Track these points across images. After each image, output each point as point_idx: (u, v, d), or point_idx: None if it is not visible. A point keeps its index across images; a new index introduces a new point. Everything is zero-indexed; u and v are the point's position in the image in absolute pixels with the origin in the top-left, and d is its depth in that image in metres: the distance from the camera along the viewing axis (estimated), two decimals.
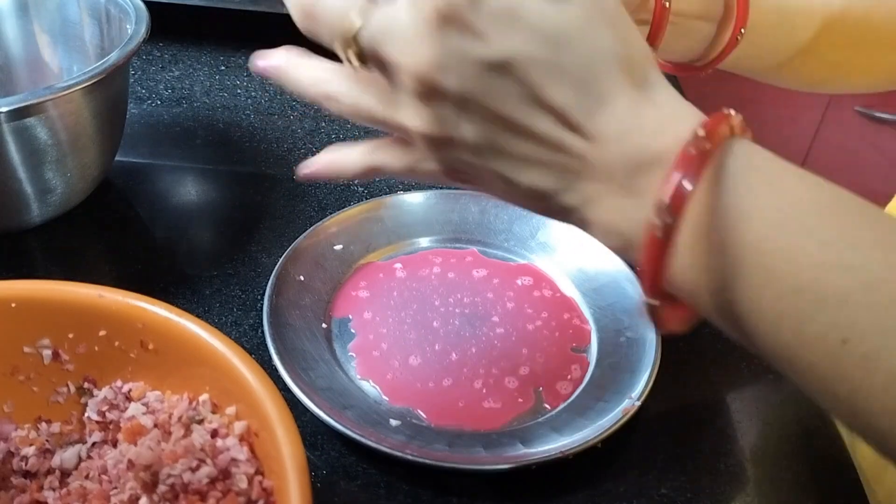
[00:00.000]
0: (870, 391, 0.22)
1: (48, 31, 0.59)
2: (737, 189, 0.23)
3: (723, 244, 0.24)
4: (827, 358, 0.22)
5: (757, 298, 0.23)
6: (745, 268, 0.23)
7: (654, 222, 0.24)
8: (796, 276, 0.22)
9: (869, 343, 0.21)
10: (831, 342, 0.22)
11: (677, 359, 0.47)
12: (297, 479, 0.28)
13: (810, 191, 0.24)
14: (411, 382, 0.44)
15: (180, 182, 0.60)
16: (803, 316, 0.22)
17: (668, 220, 0.23)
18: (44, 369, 0.36)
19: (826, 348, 0.22)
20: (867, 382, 0.22)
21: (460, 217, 0.55)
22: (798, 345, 0.23)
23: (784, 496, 0.40)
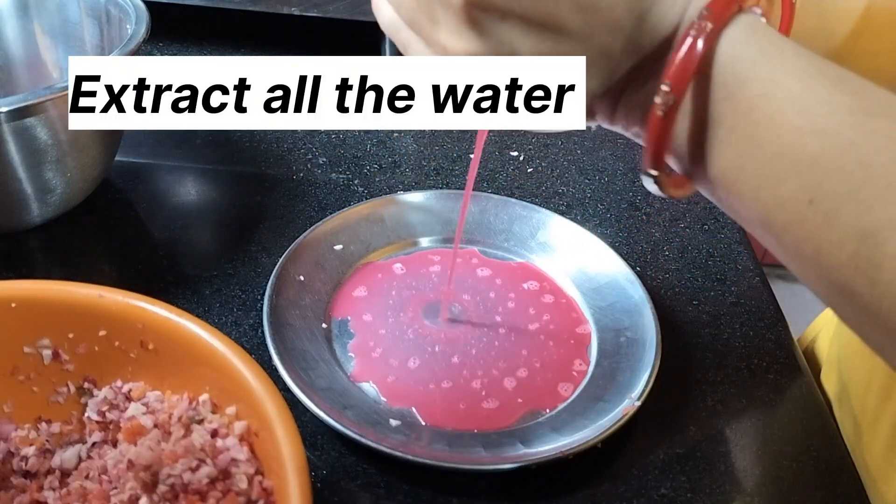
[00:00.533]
0: (829, 247, 0.23)
1: (48, 31, 0.59)
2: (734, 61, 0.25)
3: (720, 114, 0.26)
4: (797, 218, 0.24)
5: (743, 165, 0.25)
6: (736, 136, 0.25)
7: (657, 101, 0.26)
8: (777, 142, 0.24)
9: (830, 202, 0.23)
10: (801, 202, 0.24)
11: (677, 359, 0.47)
12: (297, 479, 0.28)
13: (800, 61, 0.25)
14: (410, 384, 0.44)
15: (180, 182, 0.60)
16: (779, 178, 0.24)
17: (670, 100, 0.25)
18: (44, 369, 0.36)
19: (796, 208, 0.24)
20: (827, 239, 0.23)
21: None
22: (774, 206, 0.25)
23: (784, 496, 0.40)
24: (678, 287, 0.53)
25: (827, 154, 0.23)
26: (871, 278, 0.23)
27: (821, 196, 0.23)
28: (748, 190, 0.26)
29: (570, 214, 0.58)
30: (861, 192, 0.23)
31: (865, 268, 0.23)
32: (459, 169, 0.63)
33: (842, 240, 0.23)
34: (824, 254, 0.24)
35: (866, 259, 0.22)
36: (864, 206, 0.22)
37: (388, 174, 0.61)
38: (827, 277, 0.24)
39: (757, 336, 0.50)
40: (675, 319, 0.50)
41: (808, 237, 0.24)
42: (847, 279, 0.23)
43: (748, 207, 0.26)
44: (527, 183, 0.62)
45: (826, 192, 0.23)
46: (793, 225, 0.24)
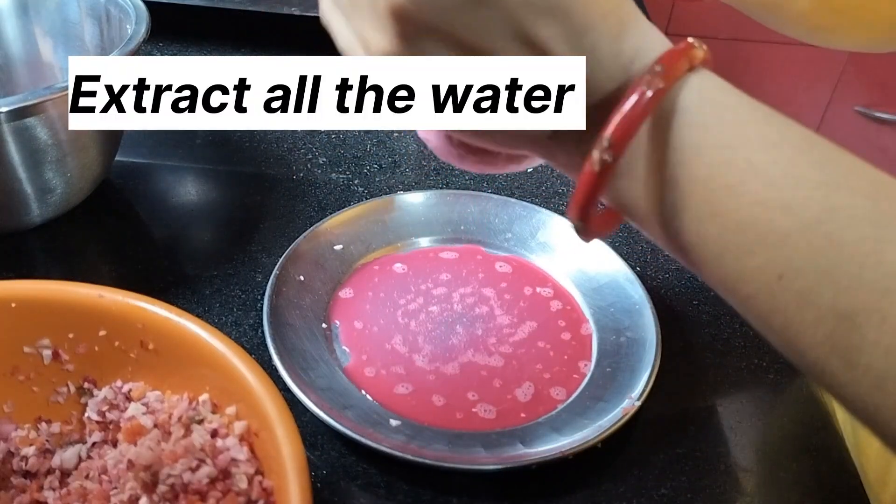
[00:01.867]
0: (801, 326, 0.22)
1: (48, 32, 0.59)
2: (688, 125, 0.24)
3: (673, 179, 0.24)
4: (764, 291, 0.23)
5: (703, 231, 0.24)
6: (693, 202, 0.24)
7: (593, 156, 0.24)
8: (739, 213, 0.23)
9: (802, 281, 0.22)
10: (768, 276, 0.23)
11: (677, 359, 0.47)
12: (297, 478, 0.28)
13: (760, 127, 0.24)
14: (410, 387, 0.44)
15: (180, 182, 0.60)
16: (744, 250, 0.23)
17: (607, 157, 0.24)
18: (44, 369, 0.36)
19: (763, 281, 0.23)
20: (799, 317, 0.22)
21: (460, 217, 0.55)
22: (738, 277, 0.24)
23: (784, 496, 0.40)
24: (678, 287, 0.53)
25: (794, 231, 0.22)
26: (848, 361, 0.22)
27: (791, 273, 0.22)
28: (709, 256, 0.25)
29: None
30: (834, 272, 0.22)
31: (843, 350, 0.22)
32: (459, 169, 0.63)
33: (817, 320, 0.22)
34: (795, 331, 0.23)
35: (844, 341, 0.21)
36: (840, 287, 0.21)
37: (388, 174, 0.61)
38: (798, 353, 0.23)
39: (757, 336, 0.49)
40: (675, 319, 0.50)
41: (777, 311, 0.23)
42: (821, 359, 0.22)
43: (709, 272, 0.25)
44: (527, 183, 0.62)
45: (797, 270, 0.22)
46: (760, 297, 0.23)
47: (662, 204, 0.25)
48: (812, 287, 0.22)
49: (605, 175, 0.24)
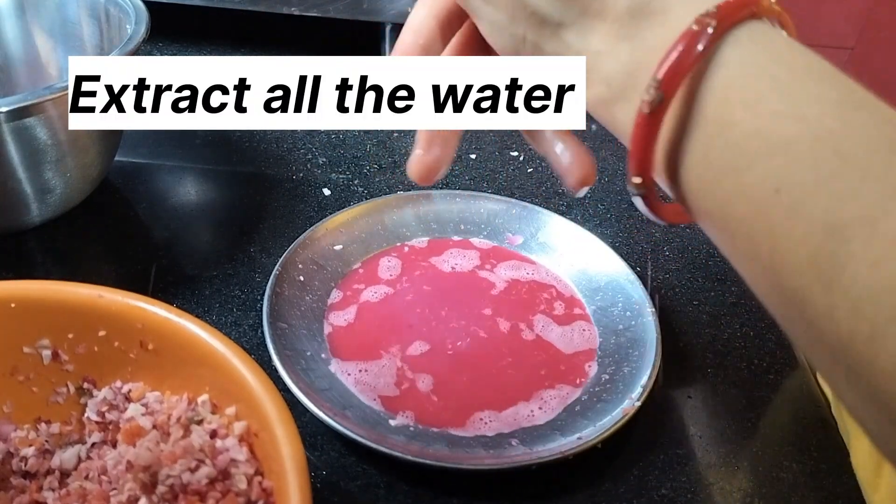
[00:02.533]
0: (788, 245, 0.22)
1: (47, 31, 0.59)
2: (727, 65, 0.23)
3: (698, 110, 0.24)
4: (759, 209, 0.22)
5: (708, 149, 0.24)
6: (705, 117, 0.24)
7: (644, 98, 0.24)
8: (750, 122, 0.23)
9: (797, 192, 0.21)
10: (766, 191, 0.22)
11: (677, 359, 0.47)
12: (297, 479, 0.28)
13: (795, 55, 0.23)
14: (410, 387, 0.44)
15: (180, 182, 0.60)
16: (746, 162, 0.23)
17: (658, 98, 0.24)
18: (43, 370, 0.36)
19: (760, 197, 0.22)
20: (787, 234, 0.22)
21: (460, 217, 0.55)
22: (735, 195, 0.23)
23: (784, 496, 0.40)
24: (678, 287, 0.53)
25: (802, 139, 0.21)
26: (828, 282, 0.20)
27: (789, 185, 0.21)
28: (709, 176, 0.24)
29: (570, 214, 0.58)
30: (833, 182, 0.21)
31: (825, 269, 0.21)
32: (459, 169, 0.63)
33: (804, 235, 0.21)
34: (781, 253, 0.22)
35: (828, 258, 0.20)
36: (835, 198, 0.20)
37: (388, 174, 0.61)
38: (780, 283, 0.22)
39: (757, 336, 0.50)
40: (675, 319, 0.50)
41: (767, 232, 0.22)
42: (801, 285, 0.21)
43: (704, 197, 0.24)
44: (527, 183, 0.62)
45: (795, 181, 0.21)
46: (753, 217, 0.23)
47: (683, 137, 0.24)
48: (806, 198, 0.21)
49: (657, 117, 0.24)
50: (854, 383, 0.21)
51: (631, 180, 0.26)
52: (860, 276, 0.20)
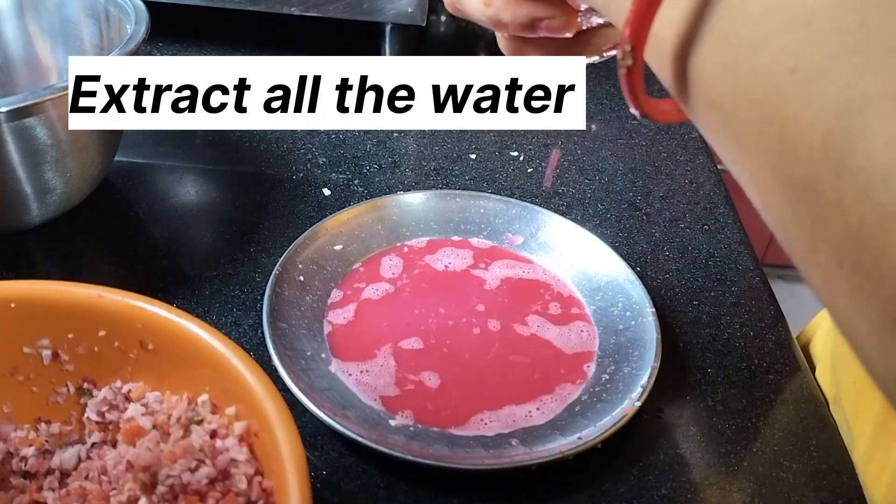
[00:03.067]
0: (799, 126, 0.19)
1: (47, 31, 0.59)
2: None
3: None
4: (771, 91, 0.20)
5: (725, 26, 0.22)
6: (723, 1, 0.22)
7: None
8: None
9: (815, 67, 0.19)
10: (781, 69, 0.20)
11: (677, 359, 0.47)
12: (297, 479, 0.28)
13: None
14: (410, 387, 0.44)
15: (180, 182, 0.60)
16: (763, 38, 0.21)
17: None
18: (43, 370, 0.36)
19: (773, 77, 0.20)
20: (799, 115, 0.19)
21: (460, 217, 0.55)
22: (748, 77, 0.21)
23: (784, 496, 0.40)
24: (678, 287, 0.53)
25: (827, 11, 0.19)
26: (838, 164, 0.18)
27: (806, 61, 0.19)
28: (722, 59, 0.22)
29: (570, 214, 0.58)
30: (856, 55, 0.19)
31: (837, 149, 0.18)
32: (459, 169, 0.63)
33: (818, 113, 0.19)
34: (791, 137, 0.20)
35: (842, 137, 0.18)
36: (856, 71, 0.18)
37: (388, 174, 0.61)
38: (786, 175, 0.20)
39: (757, 336, 0.50)
40: (675, 319, 0.50)
41: (778, 116, 0.20)
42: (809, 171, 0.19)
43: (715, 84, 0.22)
44: (527, 183, 0.62)
45: (814, 55, 0.19)
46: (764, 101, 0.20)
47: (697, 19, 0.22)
48: (824, 72, 0.19)
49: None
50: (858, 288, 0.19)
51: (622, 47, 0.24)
52: (874, 155, 0.18)
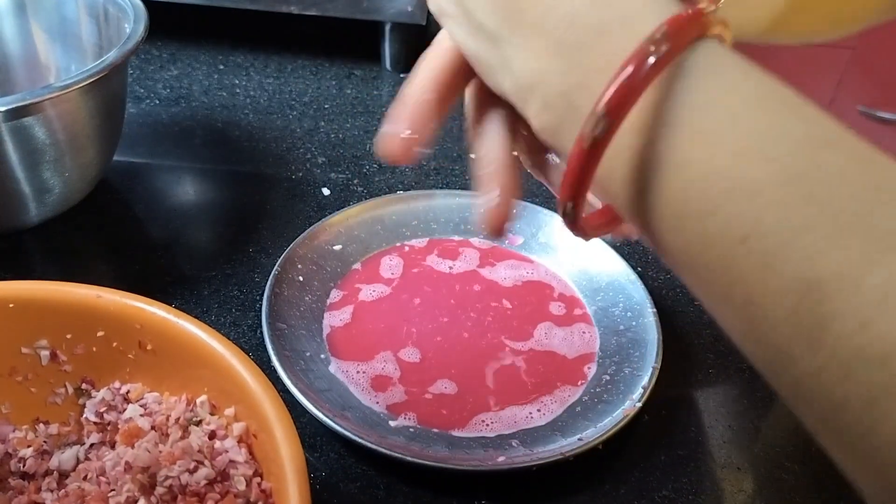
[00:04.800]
0: (764, 299, 0.19)
1: (46, 30, 0.58)
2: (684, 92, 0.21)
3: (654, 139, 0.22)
4: (725, 257, 0.20)
5: (665, 188, 0.21)
6: (661, 152, 0.21)
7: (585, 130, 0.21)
8: (710, 162, 0.20)
9: (770, 241, 0.19)
10: (731, 238, 0.20)
11: (678, 360, 0.47)
12: (296, 480, 0.27)
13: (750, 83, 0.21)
14: (410, 388, 0.44)
15: (179, 182, 0.60)
16: (708, 207, 0.20)
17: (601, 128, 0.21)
18: (42, 370, 0.36)
19: (725, 245, 0.20)
20: (762, 289, 0.19)
21: (460, 217, 0.55)
22: (699, 242, 0.21)
23: (784, 497, 0.40)
24: (679, 287, 0.53)
25: (771, 184, 0.19)
26: (812, 342, 0.18)
27: (757, 234, 0.19)
28: (670, 217, 0.21)
29: None
30: (808, 234, 0.18)
31: (807, 327, 0.18)
32: (459, 169, 0.63)
33: (780, 289, 0.19)
34: (758, 305, 0.19)
35: (809, 316, 0.18)
36: (811, 250, 0.18)
37: (388, 174, 0.61)
38: (759, 337, 0.20)
39: None
40: (676, 320, 0.50)
41: (739, 281, 0.20)
42: (783, 341, 0.19)
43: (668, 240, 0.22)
44: (527, 183, 0.61)
45: (765, 229, 0.19)
46: (722, 266, 0.20)
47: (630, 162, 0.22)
48: (778, 250, 0.19)
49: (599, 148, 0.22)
50: (849, 450, 0.19)
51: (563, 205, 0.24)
52: (848, 338, 0.18)
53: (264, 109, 0.68)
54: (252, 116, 0.67)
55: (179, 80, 0.71)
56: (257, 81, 0.72)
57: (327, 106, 0.69)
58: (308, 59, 0.76)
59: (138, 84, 0.70)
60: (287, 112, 0.68)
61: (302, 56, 0.76)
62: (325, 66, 0.75)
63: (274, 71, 0.74)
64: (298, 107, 0.69)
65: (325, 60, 0.76)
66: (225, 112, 0.67)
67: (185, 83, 0.71)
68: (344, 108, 0.69)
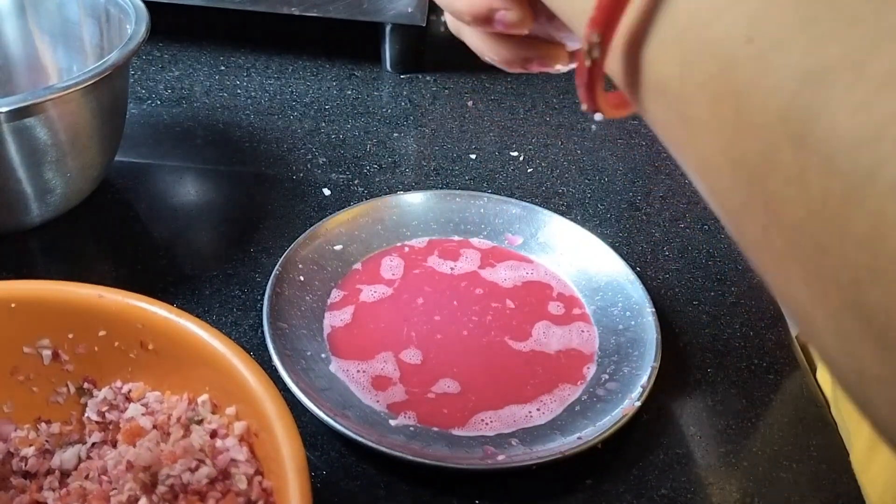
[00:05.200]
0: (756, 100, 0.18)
1: (48, 31, 0.59)
2: None
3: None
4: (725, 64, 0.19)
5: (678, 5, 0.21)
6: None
7: None
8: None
9: (772, 37, 0.18)
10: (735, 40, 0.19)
11: (677, 359, 0.47)
12: (297, 479, 0.28)
13: None
14: (410, 387, 0.44)
15: (180, 182, 0.60)
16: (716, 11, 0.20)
17: None
18: (43, 369, 0.36)
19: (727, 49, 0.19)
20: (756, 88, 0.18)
21: (460, 217, 0.55)
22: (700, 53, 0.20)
23: (784, 497, 0.40)
24: (678, 287, 0.53)
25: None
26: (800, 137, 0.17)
27: (763, 31, 0.18)
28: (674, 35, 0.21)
29: (570, 214, 0.58)
30: (814, 25, 0.18)
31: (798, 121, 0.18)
32: (459, 169, 0.63)
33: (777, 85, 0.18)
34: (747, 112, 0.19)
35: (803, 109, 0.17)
36: (816, 40, 0.17)
37: (388, 174, 0.61)
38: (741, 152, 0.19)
39: (757, 336, 0.50)
40: (675, 319, 0.50)
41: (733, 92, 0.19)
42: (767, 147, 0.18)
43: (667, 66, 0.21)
44: (527, 183, 0.62)
45: (770, 24, 0.18)
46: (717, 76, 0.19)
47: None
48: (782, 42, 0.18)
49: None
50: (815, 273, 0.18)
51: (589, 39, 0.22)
52: (838, 124, 0.17)
53: (265, 110, 0.68)
54: (253, 117, 0.67)
55: (181, 80, 0.71)
56: (258, 82, 0.72)
57: (328, 107, 0.70)
58: (309, 60, 0.76)
59: (140, 85, 0.70)
60: (288, 113, 0.68)
61: (303, 57, 0.77)
62: (326, 67, 0.76)
63: (275, 72, 0.74)
64: (299, 107, 0.69)
65: (326, 61, 0.76)
66: (226, 113, 0.67)
67: (187, 84, 0.71)
68: (344, 109, 0.69)
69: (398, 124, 0.68)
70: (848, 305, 0.17)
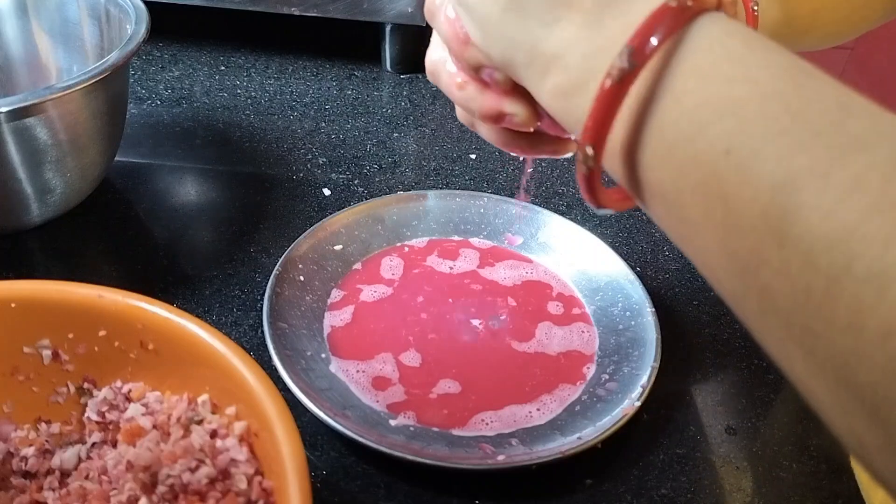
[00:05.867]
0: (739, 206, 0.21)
1: (48, 32, 0.59)
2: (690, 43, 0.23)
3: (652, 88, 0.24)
4: (710, 173, 0.22)
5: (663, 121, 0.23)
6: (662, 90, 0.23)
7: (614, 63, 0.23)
8: (702, 91, 0.22)
9: (747, 150, 0.21)
10: (717, 154, 0.22)
11: (677, 359, 0.47)
12: (297, 479, 0.28)
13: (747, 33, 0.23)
14: (410, 387, 0.44)
15: (180, 182, 0.60)
16: (698, 129, 0.22)
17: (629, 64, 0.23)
18: (43, 369, 0.36)
19: (711, 162, 0.22)
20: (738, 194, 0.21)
21: (460, 217, 0.55)
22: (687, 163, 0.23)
23: (784, 496, 0.40)
24: (678, 287, 0.53)
25: (752, 100, 0.21)
26: (781, 236, 0.20)
27: (738, 144, 0.21)
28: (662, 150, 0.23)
29: (570, 214, 0.58)
30: (782, 137, 0.20)
31: (777, 223, 0.20)
32: (459, 169, 0.63)
33: (756, 192, 0.20)
34: (734, 214, 0.21)
35: (780, 212, 0.20)
36: (784, 152, 0.20)
37: (388, 174, 0.61)
38: (734, 249, 0.21)
39: None
40: (674, 319, 0.50)
41: (720, 196, 0.21)
42: (755, 245, 0.21)
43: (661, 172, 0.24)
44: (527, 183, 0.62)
45: (745, 140, 0.21)
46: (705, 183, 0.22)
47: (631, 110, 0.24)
48: (756, 154, 0.21)
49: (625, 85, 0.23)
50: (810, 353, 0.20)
51: (583, 150, 0.25)
52: (813, 227, 0.19)
53: (265, 110, 0.68)
54: (253, 117, 0.67)
55: (181, 80, 0.71)
56: (258, 82, 0.72)
57: (328, 107, 0.70)
58: (309, 60, 0.76)
59: (140, 85, 0.70)
60: (288, 113, 0.68)
61: (303, 57, 0.77)
62: (326, 67, 0.76)
63: (275, 72, 0.74)
64: (299, 108, 0.69)
65: (326, 61, 0.76)
66: (226, 113, 0.67)
67: (187, 84, 0.71)
68: (344, 109, 0.69)
69: (398, 124, 0.68)
70: (842, 384, 0.19)
